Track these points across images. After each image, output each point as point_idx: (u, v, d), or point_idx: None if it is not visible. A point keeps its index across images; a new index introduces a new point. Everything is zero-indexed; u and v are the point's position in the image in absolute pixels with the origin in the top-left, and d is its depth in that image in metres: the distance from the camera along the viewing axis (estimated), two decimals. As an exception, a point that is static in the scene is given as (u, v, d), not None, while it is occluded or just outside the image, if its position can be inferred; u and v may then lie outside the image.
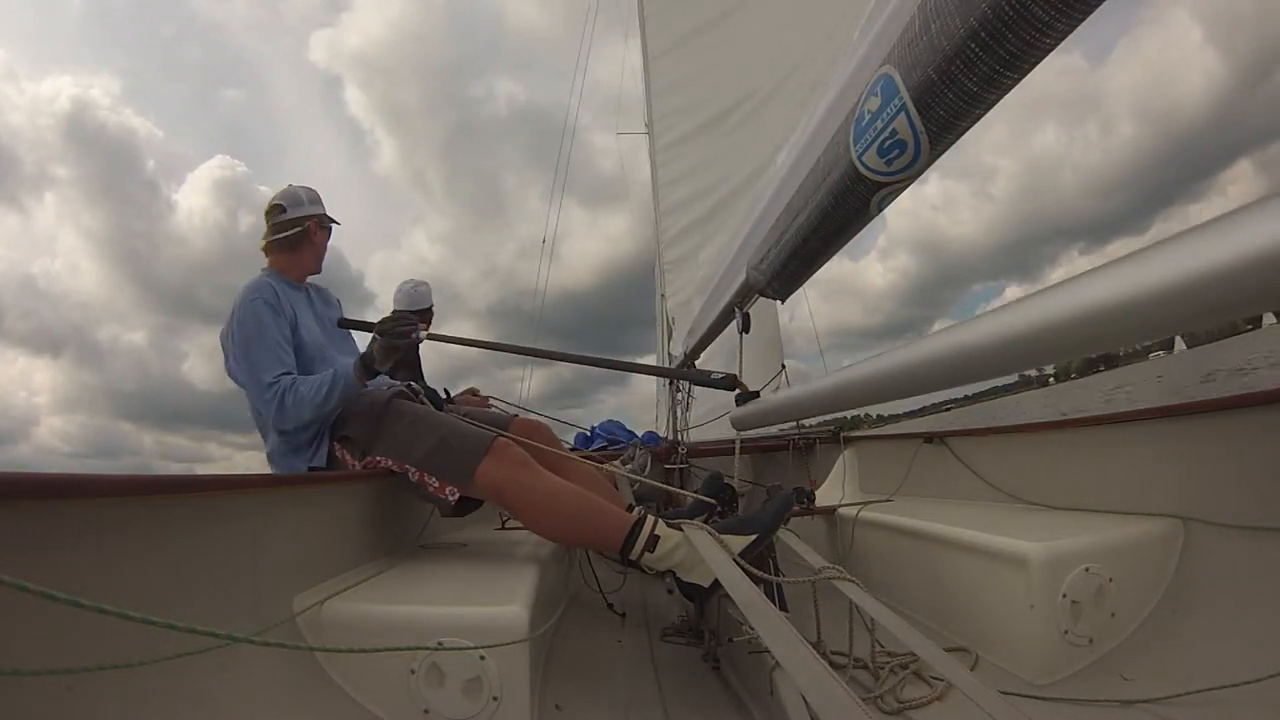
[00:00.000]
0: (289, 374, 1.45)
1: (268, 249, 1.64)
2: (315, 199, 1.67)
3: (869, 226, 1.02)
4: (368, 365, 1.45)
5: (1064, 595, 1.13)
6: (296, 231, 1.62)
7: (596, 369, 2.07)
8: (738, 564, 1.07)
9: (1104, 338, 0.45)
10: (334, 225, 1.73)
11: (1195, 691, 0.94)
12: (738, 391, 1.49)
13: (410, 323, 1.46)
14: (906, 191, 0.87)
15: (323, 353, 1.57)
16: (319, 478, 1.38)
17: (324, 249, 1.70)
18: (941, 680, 1.10)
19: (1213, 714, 0.92)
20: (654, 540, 1.22)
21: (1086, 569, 1.15)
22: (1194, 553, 1.22)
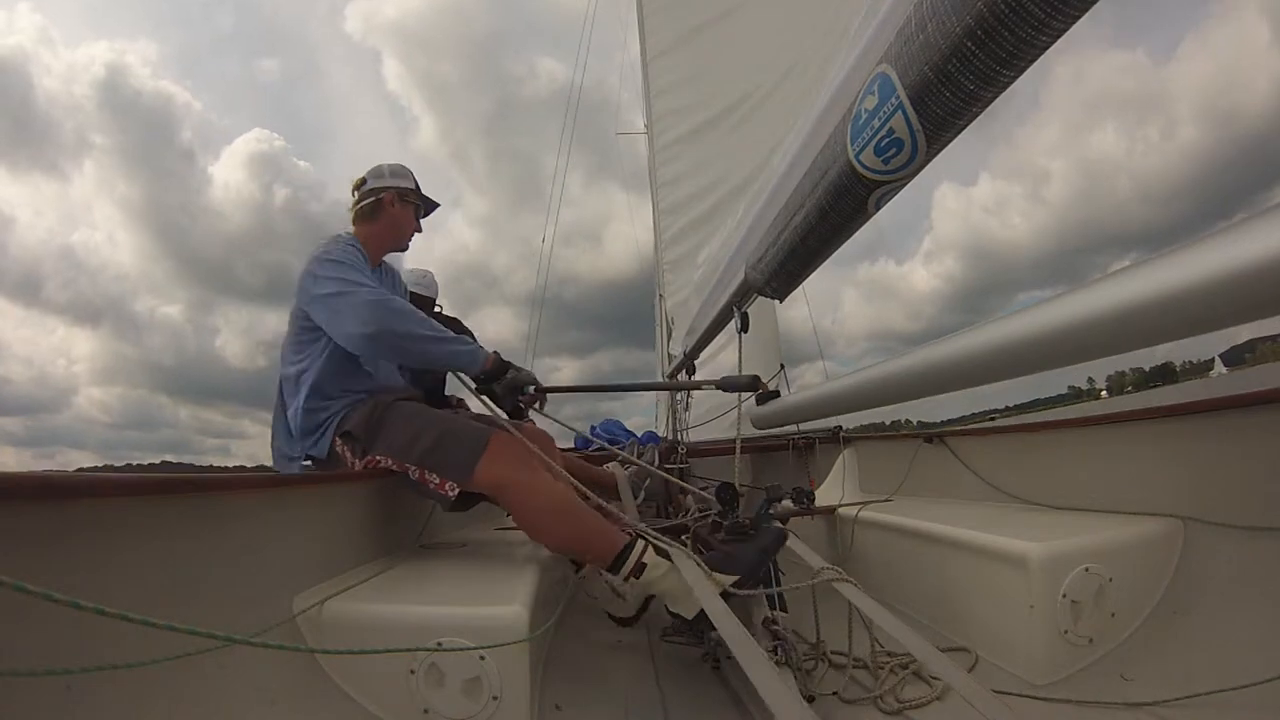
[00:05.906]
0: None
1: (354, 220, 1.65)
2: (399, 173, 1.66)
3: (914, 229, 1.02)
4: (484, 376, 1.46)
5: (1064, 595, 1.13)
6: (371, 201, 1.62)
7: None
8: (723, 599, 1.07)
9: (1127, 336, 0.45)
10: (432, 207, 1.72)
11: (1196, 695, 0.94)
12: (760, 391, 1.50)
13: (530, 396, 1.51)
14: (956, 192, 0.86)
15: None
16: (319, 478, 1.38)
17: (405, 225, 1.67)
18: (941, 680, 1.10)
19: (1213, 714, 0.92)
20: (641, 567, 1.23)
21: (1086, 569, 1.15)
22: (1194, 553, 1.21)
